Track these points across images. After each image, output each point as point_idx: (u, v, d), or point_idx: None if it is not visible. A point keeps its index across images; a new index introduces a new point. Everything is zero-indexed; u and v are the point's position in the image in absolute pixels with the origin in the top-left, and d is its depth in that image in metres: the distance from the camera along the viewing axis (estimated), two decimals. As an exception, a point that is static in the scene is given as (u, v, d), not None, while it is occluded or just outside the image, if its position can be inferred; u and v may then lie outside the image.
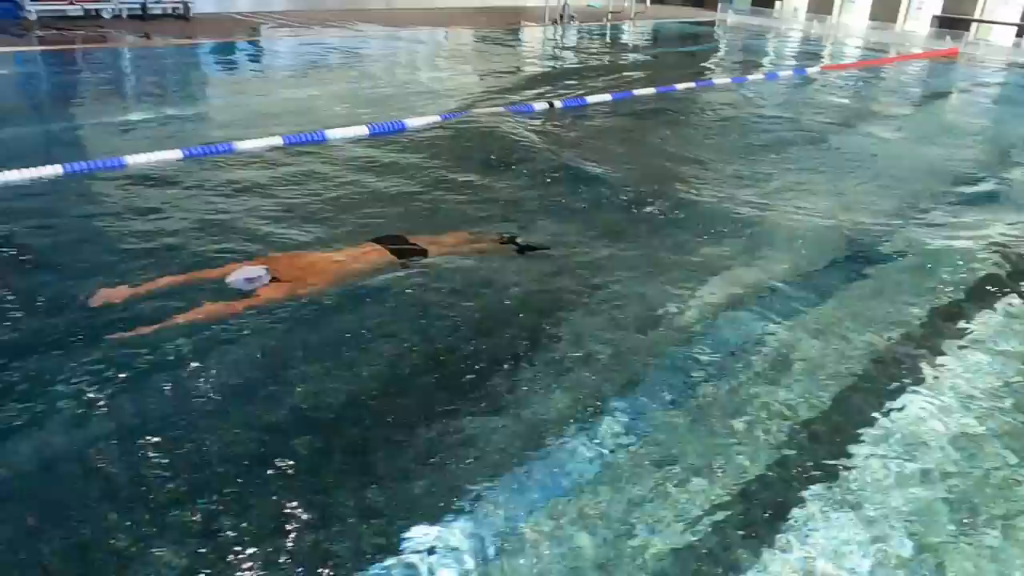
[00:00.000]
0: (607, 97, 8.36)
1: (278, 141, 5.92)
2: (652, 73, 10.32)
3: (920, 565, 2.12)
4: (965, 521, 2.30)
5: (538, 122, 7.12)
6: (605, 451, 2.54)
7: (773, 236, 4.56)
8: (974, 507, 2.36)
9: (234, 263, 3.67)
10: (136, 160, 5.27)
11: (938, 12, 18.14)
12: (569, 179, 5.46)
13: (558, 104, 7.83)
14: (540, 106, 7.70)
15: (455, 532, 2.17)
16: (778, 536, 2.20)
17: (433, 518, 2.22)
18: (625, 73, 10.44)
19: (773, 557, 2.12)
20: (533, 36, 14.12)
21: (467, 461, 2.46)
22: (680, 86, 9.19)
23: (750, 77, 10.26)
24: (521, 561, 2.11)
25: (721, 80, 9.81)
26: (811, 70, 11.22)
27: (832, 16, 19.42)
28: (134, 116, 6.93)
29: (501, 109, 7.42)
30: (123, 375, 2.78)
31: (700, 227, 4.64)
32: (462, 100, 8.01)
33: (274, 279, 3.51)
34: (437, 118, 6.92)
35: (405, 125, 6.65)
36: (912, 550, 2.17)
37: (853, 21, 18.97)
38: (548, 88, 8.83)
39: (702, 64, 12.30)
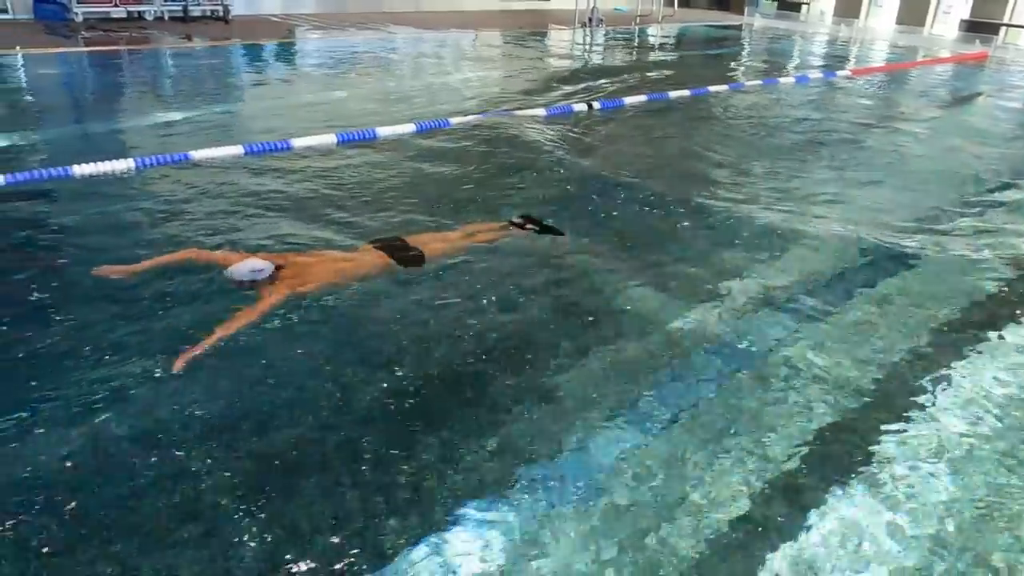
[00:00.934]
0: (643, 98, 8.53)
1: (332, 139, 6.15)
2: (684, 76, 10.47)
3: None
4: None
5: (568, 124, 7.27)
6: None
7: (796, 243, 4.51)
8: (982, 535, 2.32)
9: (240, 253, 3.75)
10: (200, 155, 5.52)
11: (966, 16, 18.14)
12: (590, 183, 5.51)
13: (596, 105, 8.02)
14: (579, 107, 7.89)
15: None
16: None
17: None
18: (657, 76, 10.60)
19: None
20: (563, 39, 14.30)
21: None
22: (713, 88, 9.34)
23: (781, 80, 10.39)
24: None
25: (752, 83, 9.93)
26: (841, 73, 11.31)
27: (859, 20, 19.46)
28: (188, 113, 7.21)
29: (541, 111, 7.62)
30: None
31: (721, 234, 4.61)
32: (499, 100, 8.22)
33: (277, 271, 3.52)
34: (480, 116, 7.14)
35: (450, 122, 6.88)
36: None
37: (880, 25, 19.00)
38: (582, 90, 9.00)
39: (733, 67, 12.43)
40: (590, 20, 15.51)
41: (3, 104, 7.43)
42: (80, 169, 5.05)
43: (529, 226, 4.40)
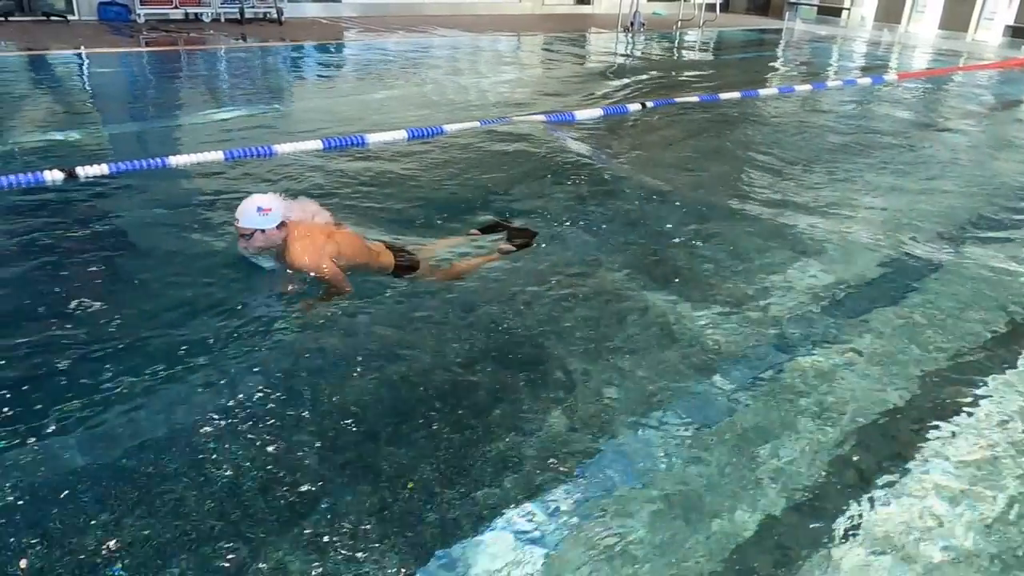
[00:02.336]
0: (694, 99, 8.70)
1: (402, 135, 6.41)
2: (730, 79, 10.61)
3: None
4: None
5: (604, 127, 7.44)
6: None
7: (828, 249, 4.47)
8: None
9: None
10: (283, 149, 5.80)
11: (1011, 21, 17.99)
12: (618, 187, 5.51)
13: (649, 104, 8.21)
14: (633, 107, 8.09)
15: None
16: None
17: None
18: (703, 79, 10.75)
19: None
20: (607, 42, 14.48)
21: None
22: (762, 92, 9.48)
23: (828, 84, 10.48)
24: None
25: (801, 87, 10.03)
26: (887, 77, 11.36)
27: (900, 25, 19.39)
28: (260, 110, 7.53)
29: (600, 111, 7.83)
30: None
31: (746, 243, 4.53)
32: (555, 101, 8.44)
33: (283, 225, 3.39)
34: (541, 117, 7.37)
35: (511, 119, 7.11)
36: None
37: (922, 30, 18.91)
38: (632, 92, 9.20)
39: (778, 71, 12.53)
40: (632, 24, 15.68)
41: (82, 99, 7.82)
42: (176, 160, 5.36)
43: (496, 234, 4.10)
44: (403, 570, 2.11)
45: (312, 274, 3.42)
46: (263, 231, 3.36)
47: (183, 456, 2.47)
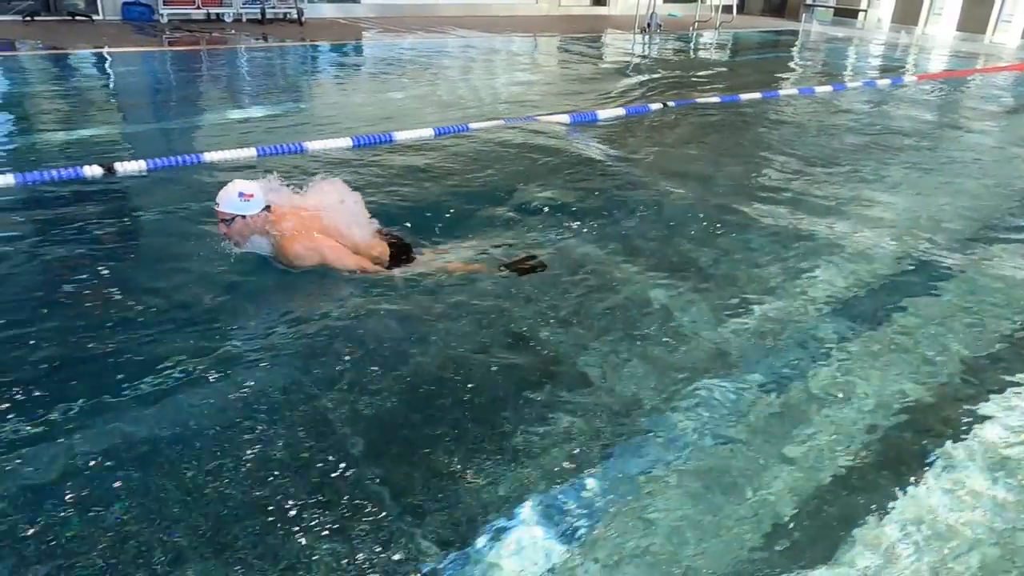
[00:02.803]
0: (715, 99, 8.75)
1: (429, 132, 6.49)
2: (749, 80, 10.64)
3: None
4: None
5: (625, 126, 7.47)
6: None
7: (839, 255, 4.38)
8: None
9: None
10: (313, 146, 5.89)
11: (1030, 24, 17.91)
12: (637, 187, 5.49)
13: (671, 104, 8.27)
14: (654, 106, 8.15)
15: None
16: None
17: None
18: (724, 80, 10.79)
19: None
20: (624, 44, 14.53)
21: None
22: (783, 92, 9.51)
23: (848, 85, 10.49)
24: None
25: (821, 88, 10.05)
26: (907, 79, 11.36)
27: (917, 27, 19.33)
28: (286, 109, 7.64)
29: (622, 111, 7.89)
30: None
31: (761, 246, 4.47)
32: (577, 101, 8.51)
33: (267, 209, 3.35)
34: (566, 118, 7.43)
35: (534, 118, 7.18)
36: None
37: (940, 32, 18.85)
38: (652, 92, 9.25)
39: (797, 72, 12.54)
40: (649, 25, 15.73)
41: (112, 97, 7.94)
42: (210, 156, 5.45)
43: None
44: (453, 544, 2.19)
45: (310, 263, 3.42)
46: (244, 217, 3.29)
47: (215, 445, 2.54)
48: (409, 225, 4.25)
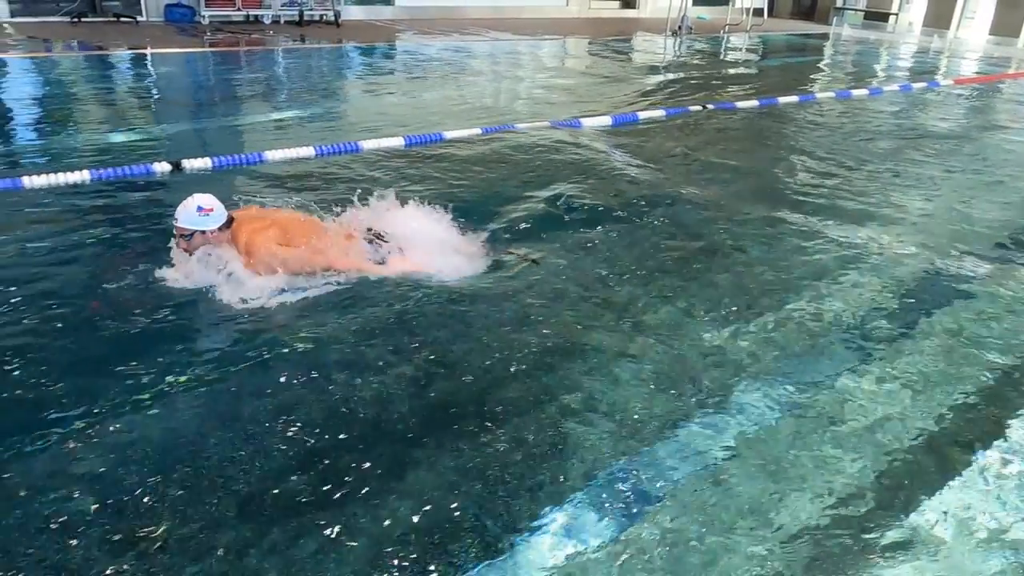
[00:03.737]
0: (755, 103, 8.81)
1: (477, 131, 6.63)
2: (785, 82, 10.68)
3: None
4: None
5: (662, 128, 7.53)
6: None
7: (861, 266, 4.26)
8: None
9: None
10: (367, 145, 6.05)
11: (1065, 28, 17.75)
12: (666, 189, 5.45)
13: (710, 107, 8.35)
14: (694, 108, 8.24)
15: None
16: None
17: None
18: (759, 82, 10.84)
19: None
20: (657, 46, 14.60)
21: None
22: (820, 95, 9.55)
23: (884, 89, 10.51)
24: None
25: (858, 91, 10.08)
26: (943, 82, 11.35)
27: (950, 31, 19.21)
28: (335, 108, 7.82)
29: (662, 112, 7.98)
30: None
31: (781, 255, 4.37)
32: (623, 103, 8.62)
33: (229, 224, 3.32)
34: (608, 119, 7.55)
35: (580, 123, 7.30)
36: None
37: (972, 36, 18.72)
38: (688, 94, 9.33)
39: (833, 75, 12.56)
40: (680, 28, 15.78)
41: (165, 97, 8.16)
42: (271, 155, 5.63)
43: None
44: (526, 521, 2.27)
45: (275, 268, 3.36)
46: (203, 232, 3.27)
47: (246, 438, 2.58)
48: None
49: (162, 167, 5.20)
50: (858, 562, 2.20)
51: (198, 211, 3.24)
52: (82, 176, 4.92)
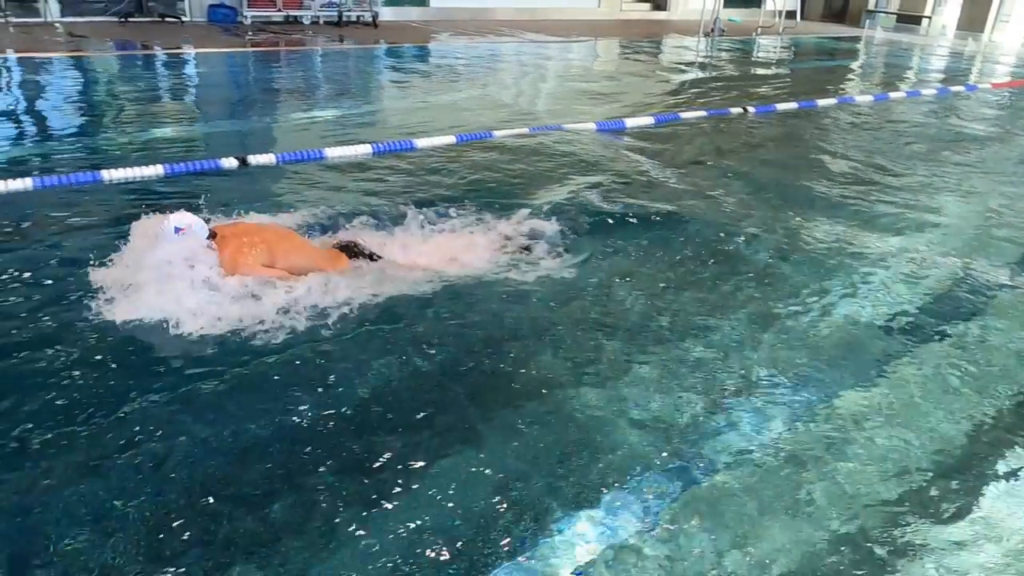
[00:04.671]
0: (793, 105, 8.89)
1: (525, 129, 6.80)
2: (822, 84, 10.74)
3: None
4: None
5: (703, 129, 7.62)
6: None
7: (887, 278, 4.17)
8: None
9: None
10: (422, 143, 6.23)
11: (1103, 32, 17.57)
12: (675, 196, 5.33)
13: (751, 109, 8.44)
14: (736, 110, 8.34)
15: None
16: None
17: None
18: (797, 84, 10.90)
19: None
20: (690, 48, 14.67)
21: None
22: (859, 98, 9.60)
23: (923, 92, 10.52)
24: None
25: (896, 94, 10.11)
26: (980, 86, 11.33)
27: (984, 34, 19.08)
28: (385, 107, 8.01)
29: (704, 112, 8.10)
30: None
31: (804, 269, 4.24)
32: (664, 103, 8.74)
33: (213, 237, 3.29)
34: (651, 119, 7.67)
35: (624, 124, 7.43)
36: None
37: (1007, 39, 18.58)
38: (727, 95, 9.42)
39: (869, 78, 12.57)
40: (712, 30, 15.84)
41: (218, 95, 8.41)
42: (331, 152, 5.82)
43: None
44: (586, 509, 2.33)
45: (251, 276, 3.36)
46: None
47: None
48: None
49: (230, 162, 5.40)
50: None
51: (175, 232, 3.17)
52: (157, 170, 5.15)
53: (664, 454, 2.61)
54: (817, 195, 5.63)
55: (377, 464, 2.48)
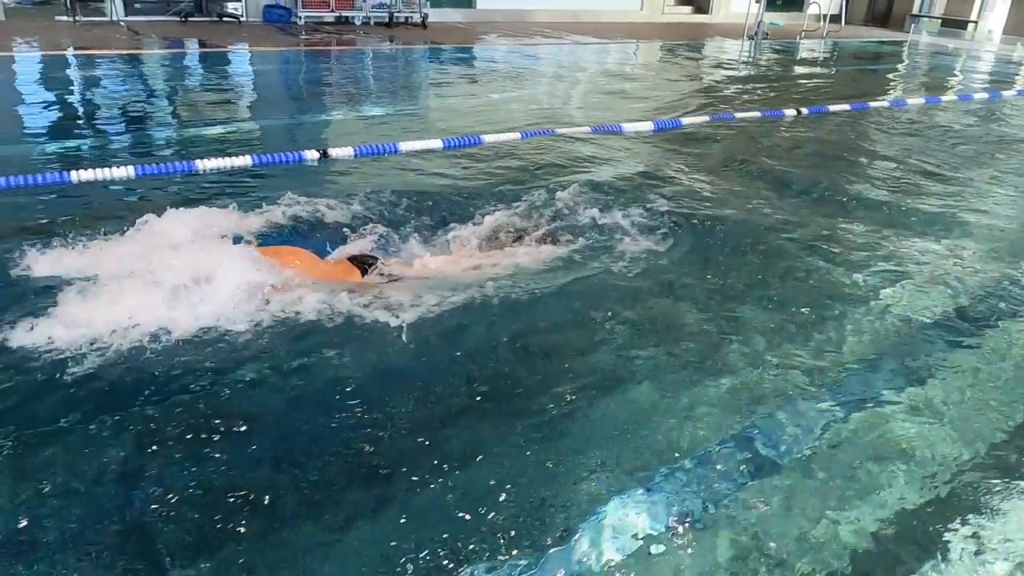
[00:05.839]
0: (845, 106, 8.98)
1: (586, 129, 7.00)
2: (870, 88, 10.80)
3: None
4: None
5: (752, 130, 7.75)
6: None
7: (934, 277, 4.15)
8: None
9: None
10: (488, 139, 6.45)
11: None
12: (719, 198, 5.28)
13: (804, 111, 8.55)
14: (789, 112, 8.46)
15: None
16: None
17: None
18: (847, 87, 10.96)
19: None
20: (735, 50, 14.76)
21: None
22: (911, 101, 9.65)
23: (976, 96, 10.52)
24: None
25: (947, 98, 10.14)
26: (1033, 91, 11.29)
27: (1032, 39, 18.87)
28: (449, 104, 8.26)
29: (758, 113, 8.23)
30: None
31: (857, 259, 4.25)
32: (719, 104, 8.88)
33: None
34: (706, 117, 7.83)
35: (681, 123, 7.60)
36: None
37: (1056, 45, 18.37)
38: (778, 97, 9.53)
39: (917, 81, 12.56)
40: (756, 33, 15.90)
41: (279, 90, 8.73)
42: (404, 145, 6.07)
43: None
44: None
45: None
46: None
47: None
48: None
49: (312, 154, 5.67)
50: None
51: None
52: (245, 161, 5.43)
53: (699, 462, 2.55)
54: (866, 196, 5.66)
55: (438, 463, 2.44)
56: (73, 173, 4.92)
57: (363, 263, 3.64)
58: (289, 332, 3.04)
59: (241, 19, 13.76)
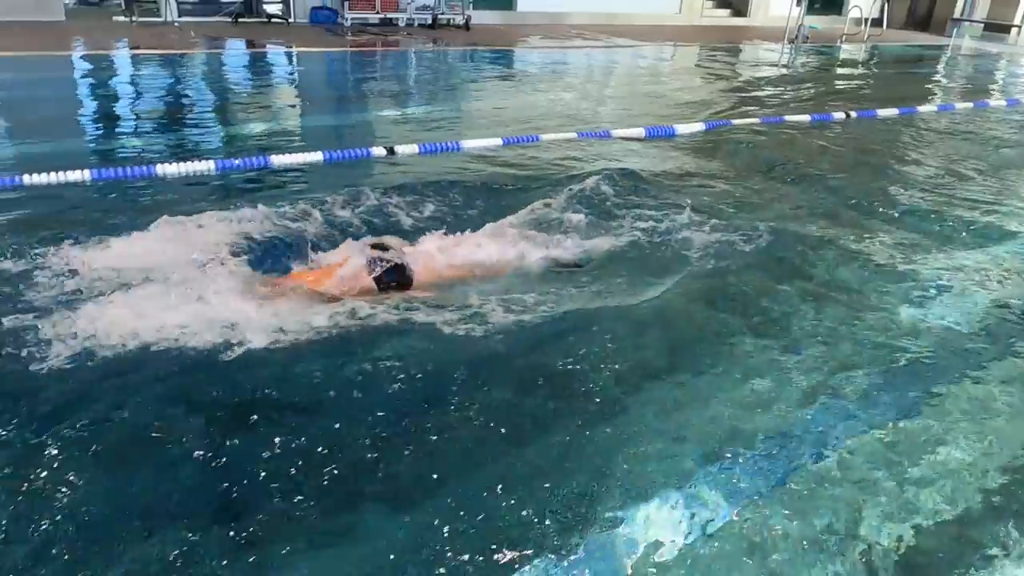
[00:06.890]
0: (894, 111, 9.00)
1: (640, 132, 7.12)
2: (917, 92, 10.77)
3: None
4: None
5: (799, 135, 7.77)
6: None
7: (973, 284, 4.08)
8: None
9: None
10: (546, 137, 6.61)
11: None
12: (757, 202, 5.22)
13: (853, 114, 8.60)
14: (838, 115, 8.51)
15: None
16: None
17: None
18: (894, 91, 10.93)
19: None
20: (777, 54, 14.77)
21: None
22: (959, 105, 9.64)
23: (1022, 100, 10.47)
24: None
25: (996, 102, 10.10)
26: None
27: (1078, 45, 18.61)
28: (502, 104, 8.44)
29: (808, 117, 8.29)
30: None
31: (886, 273, 4.14)
32: (767, 107, 8.95)
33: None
34: (757, 119, 7.91)
35: (731, 122, 7.69)
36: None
37: (1103, 50, 18.10)
38: (826, 100, 9.56)
39: (963, 86, 12.49)
40: (797, 37, 15.88)
41: (340, 89, 8.96)
42: (466, 144, 6.25)
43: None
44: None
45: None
46: None
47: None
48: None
49: (379, 151, 5.87)
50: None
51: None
52: (317, 156, 5.64)
53: (731, 469, 2.55)
54: (908, 201, 5.60)
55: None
56: (158, 167, 5.17)
57: (379, 280, 3.55)
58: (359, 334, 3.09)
59: (289, 20, 14.07)
